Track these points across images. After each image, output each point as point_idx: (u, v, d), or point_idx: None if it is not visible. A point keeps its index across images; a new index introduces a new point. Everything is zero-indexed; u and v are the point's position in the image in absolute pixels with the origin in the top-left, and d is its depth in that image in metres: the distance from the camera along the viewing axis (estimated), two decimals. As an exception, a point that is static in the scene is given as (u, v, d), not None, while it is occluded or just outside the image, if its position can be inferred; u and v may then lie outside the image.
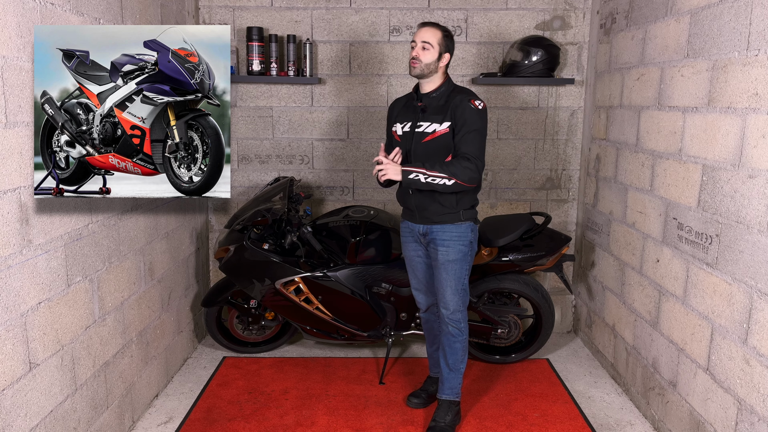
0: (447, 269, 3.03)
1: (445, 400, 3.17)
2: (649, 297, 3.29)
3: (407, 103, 3.13)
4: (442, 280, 3.06)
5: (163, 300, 3.58)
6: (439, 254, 3.03)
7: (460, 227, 3.02)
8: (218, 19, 4.15)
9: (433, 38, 2.92)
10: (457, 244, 3.01)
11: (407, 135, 3.05)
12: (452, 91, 3.00)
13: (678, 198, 2.97)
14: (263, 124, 4.28)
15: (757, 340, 2.39)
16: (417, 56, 2.93)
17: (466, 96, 2.95)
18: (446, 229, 3.01)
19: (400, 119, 3.11)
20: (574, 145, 4.35)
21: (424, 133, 2.98)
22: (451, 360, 3.14)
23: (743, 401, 2.47)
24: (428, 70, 2.94)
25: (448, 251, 3.01)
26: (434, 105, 2.99)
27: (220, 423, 3.19)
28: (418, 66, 2.94)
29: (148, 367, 3.36)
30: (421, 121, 3.00)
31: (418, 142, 3.00)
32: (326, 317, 3.67)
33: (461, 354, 3.14)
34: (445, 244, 3.01)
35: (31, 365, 2.33)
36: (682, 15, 2.94)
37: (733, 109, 2.53)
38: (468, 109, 2.90)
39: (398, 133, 3.10)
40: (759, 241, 2.36)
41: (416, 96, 3.07)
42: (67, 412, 2.57)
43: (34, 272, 2.32)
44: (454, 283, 3.04)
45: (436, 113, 2.97)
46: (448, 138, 2.94)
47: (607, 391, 3.62)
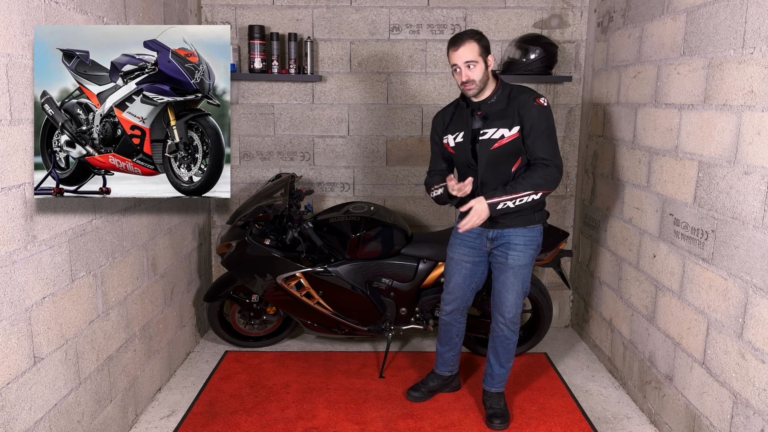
0: (516, 274, 2.98)
1: (495, 392, 3.23)
2: (645, 292, 3.31)
3: (456, 112, 3.02)
4: (508, 285, 2.99)
5: (166, 295, 3.60)
6: (509, 258, 2.96)
7: (533, 230, 2.97)
8: (220, 18, 4.18)
9: (473, 53, 2.78)
10: (529, 248, 2.97)
11: (462, 145, 2.94)
12: (511, 91, 2.89)
13: (674, 194, 2.98)
14: (265, 122, 4.31)
15: (752, 335, 2.40)
16: (468, 78, 2.80)
17: (530, 95, 2.85)
18: (519, 233, 2.94)
19: (452, 130, 2.99)
20: (571, 142, 4.38)
21: (491, 140, 2.85)
22: (503, 359, 3.16)
23: (739, 395, 2.49)
24: (483, 84, 2.85)
25: (520, 256, 2.95)
26: (495, 110, 2.88)
27: (222, 416, 3.22)
28: (474, 87, 2.82)
29: (151, 361, 3.38)
30: (485, 128, 2.87)
31: (485, 150, 2.87)
32: (327, 312, 3.69)
33: (513, 353, 3.17)
34: (518, 249, 2.95)
35: (36, 359, 2.33)
36: (678, 13, 2.96)
37: (728, 106, 2.54)
38: (535, 109, 2.81)
39: (451, 145, 2.99)
40: (754, 236, 2.37)
41: (467, 104, 2.95)
42: (71, 405, 2.58)
43: (38, 267, 2.33)
44: (520, 287, 3.01)
45: (500, 118, 2.85)
46: (518, 142, 2.84)
47: (604, 384, 3.65)
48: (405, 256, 3.71)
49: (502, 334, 3.10)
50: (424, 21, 4.19)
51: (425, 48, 4.24)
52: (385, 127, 4.33)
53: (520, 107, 2.83)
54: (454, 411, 3.30)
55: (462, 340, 3.39)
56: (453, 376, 3.46)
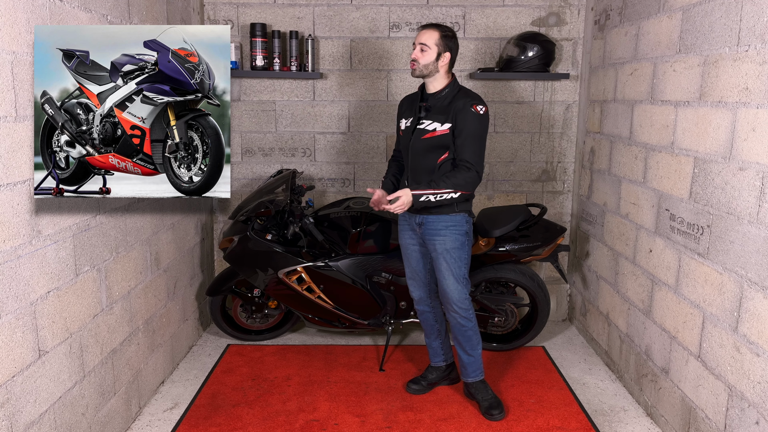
0: (446, 258, 3.08)
1: (472, 382, 3.28)
2: (642, 286, 3.34)
3: (413, 100, 3.19)
4: (443, 270, 3.11)
5: (169, 289, 3.62)
6: (437, 244, 3.08)
7: (455, 217, 3.08)
8: (223, 16, 4.20)
9: (429, 39, 2.97)
10: (453, 232, 3.07)
11: (408, 131, 3.13)
12: (457, 93, 3.05)
13: (670, 190, 3.01)
14: (266, 118, 4.34)
15: (747, 328, 2.42)
16: (415, 58, 3.00)
17: (469, 100, 2.99)
18: (441, 219, 3.07)
19: (406, 115, 3.19)
20: (569, 139, 4.41)
21: (424, 130, 3.05)
22: (467, 347, 3.23)
23: (734, 387, 2.51)
24: (427, 70, 3.00)
25: (446, 240, 3.07)
26: (438, 105, 3.04)
27: (225, 409, 3.25)
28: (416, 67, 3.01)
29: (154, 354, 3.41)
30: (424, 119, 3.06)
31: (417, 138, 3.06)
32: (328, 306, 3.72)
33: (475, 339, 3.23)
34: (441, 234, 3.07)
35: (41, 353, 2.35)
36: (674, 11, 2.98)
37: (723, 103, 2.55)
38: (469, 114, 2.95)
39: (402, 128, 3.20)
40: (749, 231, 2.39)
41: (421, 95, 3.13)
42: (75, 398, 2.60)
43: (43, 262, 2.34)
44: (455, 271, 3.10)
45: (439, 113, 3.02)
46: (446, 138, 3.00)
47: (601, 377, 3.68)
48: (404, 251, 3.74)
49: (456, 321, 3.18)
50: (423, 19, 4.22)
51: (425, 45, 4.26)
52: (385, 123, 4.36)
53: (457, 109, 2.98)
54: (453, 403, 3.33)
55: (444, 327, 3.45)
56: (450, 367, 3.50)
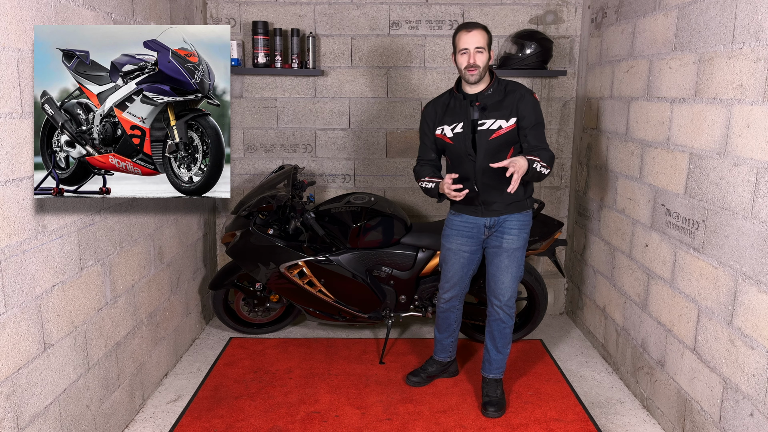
0: (512, 257, 3.08)
1: (493, 378, 3.27)
2: (638, 280, 3.36)
3: (451, 103, 3.08)
4: (503, 268, 3.09)
5: (172, 283, 3.64)
6: (504, 242, 3.07)
7: (526, 215, 3.10)
8: (225, 14, 4.23)
9: (483, 41, 2.89)
10: (523, 232, 3.09)
11: (462, 135, 3.01)
12: (507, 85, 3.00)
13: (666, 185, 3.03)
14: (268, 115, 4.37)
15: (741, 322, 2.43)
16: (475, 63, 2.88)
17: (527, 90, 2.98)
18: (514, 218, 3.07)
19: (448, 121, 3.05)
20: (566, 135, 4.44)
21: (489, 131, 2.96)
22: (500, 344, 3.22)
23: (728, 380, 2.53)
24: (485, 72, 2.95)
25: (514, 239, 3.07)
26: (492, 102, 2.97)
27: (227, 401, 3.28)
28: (477, 72, 2.90)
29: (157, 347, 3.43)
30: (483, 119, 2.97)
31: (484, 140, 2.96)
32: (329, 299, 3.75)
33: (509, 337, 3.22)
34: (512, 233, 3.06)
35: (46, 345, 2.37)
36: (669, 9, 3.00)
37: (718, 99, 2.57)
38: (531, 103, 2.94)
39: (448, 135, 3.05)
40: (743, 226, 2.40)
41: (463, 95, 3.03)
42: (80, 390, 2.62)
43: (48, 256, 2.36)
44: (515, 270, 3.10)
45: (497, 110, 2.96)
46: (514, 133, 2.96)
47: (597, 370, 3.70)
48: (404, 245, 3.77)
49: (498, 317, 3.16)
50: (422, 17, 4.25)
51: (424, 43, 4.30)
52: (385, 120, 4.40)
53: (518, 101, 2.94)
54: (451, 396, 3.36)
55: (459, 326, 3.45)
56: (451, 361, 3.53)
